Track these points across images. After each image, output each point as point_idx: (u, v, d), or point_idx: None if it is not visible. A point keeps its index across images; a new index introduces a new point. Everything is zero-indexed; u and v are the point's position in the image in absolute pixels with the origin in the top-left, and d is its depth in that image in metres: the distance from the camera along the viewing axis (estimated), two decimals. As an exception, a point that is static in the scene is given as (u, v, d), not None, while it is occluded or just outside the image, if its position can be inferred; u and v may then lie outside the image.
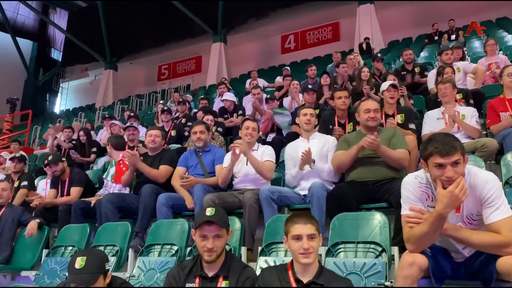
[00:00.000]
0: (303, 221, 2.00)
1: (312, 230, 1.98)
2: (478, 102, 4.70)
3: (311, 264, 1.96)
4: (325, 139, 3.69)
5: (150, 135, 4.13)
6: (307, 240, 1.95)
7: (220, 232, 2.13)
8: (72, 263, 2.01)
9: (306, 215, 2.07)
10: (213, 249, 2.09)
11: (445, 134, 1.97)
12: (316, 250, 1.98)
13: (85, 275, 1.98)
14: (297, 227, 1.99)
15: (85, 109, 18.00)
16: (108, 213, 3.71)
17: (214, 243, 2.09)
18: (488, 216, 1.90)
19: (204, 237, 2.11)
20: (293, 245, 1.97)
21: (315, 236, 1.98)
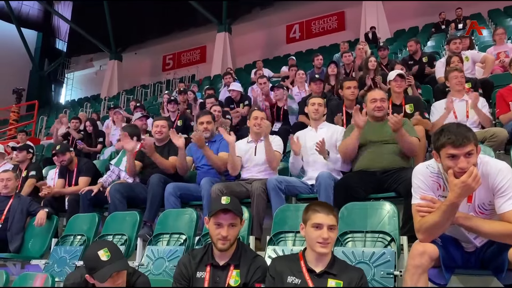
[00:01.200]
0: (326, 211, 1.98)
1: (333, 221, 1.97)
2: (487, 91, 4.65)
3: (327, 254, 1.96)
4: (333, 129, 3.68)
5: (157, 125, 4.13)
6: (327, 230, 1.94)
7: (235, 221, 2.13)
8: (94, 258, 2.00)
9: (328, 205, 2.06)
10: (227, 237, 2.09)
11: (458, 125, 1.95)
12: (333, 241, 1.98)
13: (119, 262, 2.02)
14: (319, 216, 1.97)
15: (90, 99, 18.02)
16: (116, 202, 3.73)
17: (228, 232, 2.09)
18: (501, 206, 1.89)
19: (219, 225, 2.11)
20: (312, 233, 1.96)
21: (334, 228, 1.97)
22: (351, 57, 6.51)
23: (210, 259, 2.14)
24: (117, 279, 2.00)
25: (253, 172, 3.63)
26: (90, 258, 2.03)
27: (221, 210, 2.09)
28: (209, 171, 3.79)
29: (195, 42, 19.14)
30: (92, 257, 2.02)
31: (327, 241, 1.93)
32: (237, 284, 2.06)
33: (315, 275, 1.94)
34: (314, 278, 1.93)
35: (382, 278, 2.36)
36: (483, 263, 2.05)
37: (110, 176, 4.26)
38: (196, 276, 2.12)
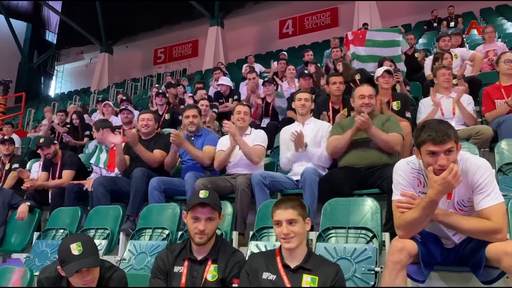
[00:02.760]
0: (284, 206, 1.97)
1: (292, 215, 1.95)
2: (474, 89, 4.66)
3: (294, 249, 1.94)
4: (319, 125, 3.66)
5: (143, 119, 4.08)
6: (287, 225, 1.93)
7: (213, 215, 2.11)
8: (66, 251, 1.96)
9: (289, 200, 2.04)
10: (204, 231, 2.07)
11: (439, 121, 1.93)
12: (298, 235, 1.95)
13: (90, 258, 1.96)
14: (277, 213, 1.97)
15: (80, 92, 17.84)
16: (100, 196, 3.69)
17: (206, 226, 2.07)
18: (479, 202, 1.89)
19: (196, 219, 2.09)
20: (275, 230, 1.98)
21: (295, 221, 1.94)
22: (339, 53, 6.50)
23: (188, 254, 2.12)
24: (87, 275, 1.95)
25: (238, 167, 3.60)
26: (62, 250, 1.99)
27: (199, 204, 2.07)
28: (194, 165, 3.75)
29: (187, 36, 18.99)
30: (64, 249, 1.98)
31: (288, 236, 1.92)
32: (215, 279, 2.04)
33: (290, 271, 1.93)
34: (289, 273, 1.92)
35: (363, 274, 2.35)
36: (461, 259, 2.05)
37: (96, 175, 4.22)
38: (173, 270, 2.09)
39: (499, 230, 1.82)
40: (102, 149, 4.30)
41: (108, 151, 4.22)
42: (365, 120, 3.00)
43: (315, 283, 1.88)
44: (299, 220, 1.96)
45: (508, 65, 3.74)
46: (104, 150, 4.27)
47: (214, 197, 2.15)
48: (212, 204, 2.09)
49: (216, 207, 2.12)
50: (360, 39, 5.77)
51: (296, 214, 1.96)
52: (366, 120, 3.00)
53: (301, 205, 2.02)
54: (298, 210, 1.97)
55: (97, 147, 4.39)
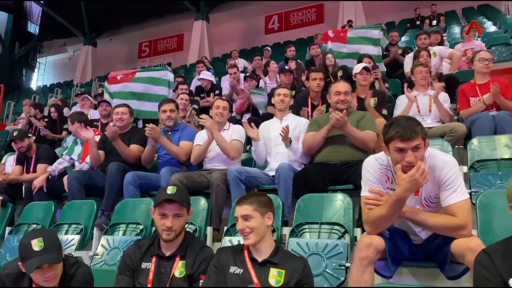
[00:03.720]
0: (240, 203, 1.98)
1: (247, 210, 1.94)
2: (452, 87, 4.71)
3: (254, 244, 1.94)
4: (297, 121, 3.66)
5: (117, 112, 4.01)
6: (242, 221, 1.93)
7: (180, 211, 2.08)
8: (27, 247, 1.92)
9: (248, 196, 2.04)
10: (172, 228, 2.05)
11: (408, 118, 1.95)
12: (255, 230, 1.93)
13: (51, 254, 1.92)
14: (236, 209, 1.98)
15: (62, 85, 17.52)
16: (74, 190, 3.63)
17: (173, 222, 2.05)
18: (445, 199, 1.91)
19: (163, 216, 2.06)
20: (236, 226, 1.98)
21: (250, 217, 1.93)
22: (318, 50, 6.50)
23: (156, 250, 2.10)
24: (48, 272, 1.91)
25: (215, 162, 3.58)
26: (23, 246, 1.94)
27: (166, 201, 2.04)
28: (171, 160, 3.72)
29: (172, 30, 18.79)
30: (24, 245, 1.94)
31: (244, 232, 1.92)
32: (182, 275, 2.02)
33: (257, 264, 1.92)
34: (256, 267, 1.91)
35: (334, 269, 2.37)
36: (429, 255, 2.07)
37: (60, 163, 4.14)
38: (141, 267, 2.07)
39: (464, 226, 1.85)
40: (77, 142, 4.24)
41: (83, 144, 4.16)
42: (339, 118, 3.01)
43: (281, 277, 1.89)
44: (255, 216, 1.94)
45: (482, 63, 3.78)
46: (79, 143, 4.21)
47: (182, 193, 2.12)
48: (180, 200, 2.06)
49: (184, 203, 2.09)
50: (341, 37, 5.78)
51: (252, 209, 1.94)
52: (341, 118, 3.01)
53: (260, 200, 2.00)
54: (254, 206, 1.95)
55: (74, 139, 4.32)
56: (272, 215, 2.00)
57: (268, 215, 1.98)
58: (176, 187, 2.11)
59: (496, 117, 3.45)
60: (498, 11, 10.88)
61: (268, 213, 1.99)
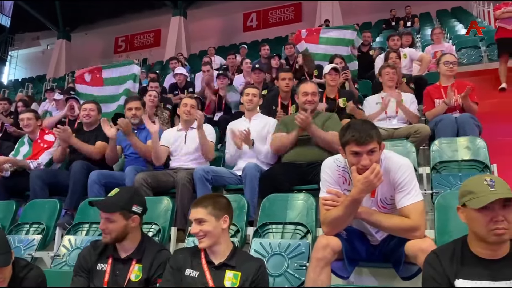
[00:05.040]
0: (195, 205, 1.95)
1: (200, 214, 1.91)
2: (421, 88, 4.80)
3: (208, 247, 1.92)
4: (266, 121, 3.66)
5: (85, 109, 3.94)
6: (195, 225, 1.90)
7: (111, 216, 2.03)
8: None
9: (203, 199, 2.01)
10: (105, 231, 2.03)
11: (363, 122, 1.98)
12: (209, 233, 1.90)
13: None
14: (191, 212, 1.95)
15: (35, 80, 17.06)
16: (37, 189, 3.55)
17: (105, 225, 2.03)
18: (400, 201, 1.94)
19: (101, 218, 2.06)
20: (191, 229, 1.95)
21: (203, 220, 1.90)
22: (293, 49, 6.52)
23: (112, 251, 2.06)
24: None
25: (182, 161, 3.54)
26: None
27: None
28: (137, 159, 3.67)
29: (149, 25, 18.53)
30: None
31: (198, 235, 1.90)
32: (138, 279, 1.99)
33: (213, 267, 1.91)
34: (212, 270, 1.90)
35: (295, 269, 2.39)
36: (385, 256, 2.10)
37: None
38: (96, 268, 2.03)
39: (416, 228, 1.88)
40: (24, 142, 4.13)
41: (32, 144, 4.06)
42: (304, 118, 3.02)
43: (237, 279, 1.88)
44: (209, 219, 1.91)
45: (447, 66, 3.86)
46: (27, 143, 4.10)
47: (118, 198, 2.06)
48: (102, 207, 2.03)
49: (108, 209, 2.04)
50: (314, 36, 5.81)
51: (206, 213, 1.91)
52: (305, 118, 3.03)
53: (217, 202, 1.97)
54: (208, 209, 1.92)
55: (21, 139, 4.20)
56: (228, 218, 1.97)
57: (224, 218, 1.95)
58: (120, 190, 2.08)
59: (459, 119, 3.53)
60: (470, 14, 11.15)
61: (224, 216, 1.96)
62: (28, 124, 4.02)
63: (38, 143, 4.04)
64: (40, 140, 4.07)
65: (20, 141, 4.21)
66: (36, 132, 4.09)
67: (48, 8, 18.07)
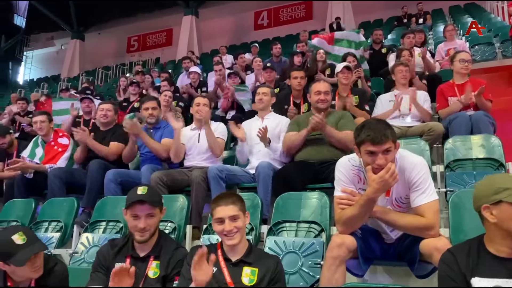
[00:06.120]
0: (224, 203, 1.96)
1: (234, 210, 1.94)
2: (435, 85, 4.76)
3: (236, 244, 1.95)
4: (279, 120, 3.69)
5: (102, 109, 4.01)
6: (229, 222, 1.92)
7: (153, 211, 2.07)
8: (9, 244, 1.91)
9: (229, 195, 2.03)
10: (145, 229, 2.04)
11: (378, 121, 1.97)
12: (241, 230, 1.95)
13: (36, 243, 1.96)
14: (219, 210, 1.95)
15: (49, 79, 17.32)
16: (55, 188, 3.62)
17: (146, 222, 2.04)
18: (414, 200, 1.94)
19: (136, 217, 2.05)
20: (217, 227, 1.95)
21: (237, 217, 1.94)
22: (305, 47, 6.51)
23: (130, 251, 2.09)
24: (35, 262, 1.94)
25: (196, 160, 3.59)
26: (3, 244, 1.93)
27: (137, 202, 2.03)
28: (152, 158, 3.72)
29: (161, 25, 18.66)
30: (5, 243, 1.92)
31: (232, 232, 1.92)
32: (156, 276, 2.02)
33: (231, 264, 1.94)
34: (229, 267, 1.93)
35: (309, 267, 2.40)
36: (399, 254, 2.11)
37: None
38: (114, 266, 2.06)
39: (431, 227, 1.89)
40: (38, 144, 4.16)
41: (45, 147, 4.09)
42: (318, 121, 3.04)
43: (254, 275, 1.91)
44: (240, 216, 1.96)
45: (462, 64, 3.83)
46: (40, 145, 4.13)
47: (153, 194, 2.10)
48: (150, 201, 2.05)
49: (155, 203, 2.08)
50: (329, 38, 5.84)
51: (237, 209, 1.96)
52: (320, 121, 3.04)
53: (241, 199, 2.02)
54: (238, 205, 1.97)
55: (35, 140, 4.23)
56: (249, 214, 2.04)
57: (247, 214, 2.02)
58: (147, 187, 2.11)
59: (473, 117, 3.51)
60: (483, 10, 10.99)
61: (247, 212, 2.03)
62: (41, 127, 4.05)
63: (52, 146, 4.07)
64: (54, 142, 4.10)
65: (34, 142, 4.22)
66: (50, 134, 4.13)
67: (62, 8, 18.30)
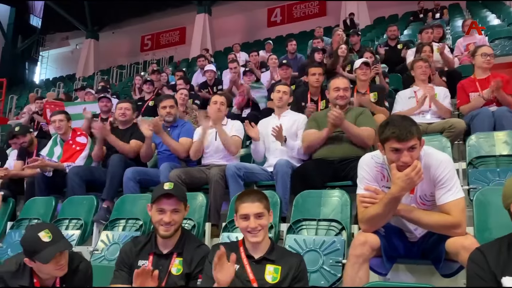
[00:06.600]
0: (251, 200, 1.95)
1: (259, 208, 1.93)
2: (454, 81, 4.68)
3: (260, 242, 1.94)
4: (296, 117, 3.65)
5: (120, 108, 4.04)
6: (254, 219, 1.92)
7: (179, 207, 2.08)
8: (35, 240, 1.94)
9: (255, 193, 2.03)
10: (170, 223, 2.05)
11: (403, 117, 1.94)
12: (265, 228, 1.95)
13: (62, 241, 1.98)
14: (244, 206, 1.95)
15: (65, 79, 17.55)
16: (75, 186, 3.66)
17: (171, 217, 2.05)
18: (440, 197, 1.91)
19: (161, 211, 2.06)
20: (241, 224, 1.95)
21: (262, 214, 1.94)
22: (321, 43, 6.46)
23: (154, 248, 2.10)
24: (60, 260, 1.96)
25: (213, 158, 3.59)
26: (30, 240, 1.96)
27: (164, 196, 2.04)
28: (170, 156, 3.73)
29: (174, 23, 18.77)
30: (32, 239, 1.96)
31: (256, 229, 1.91)
32: (179, 272, 2.03)
33: (253, 261, 1.94)
34: (252, 264, 1.93)
35: (330, 266, 2.38)
36: (424, 253, 2.08)
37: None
38: (137, 264, 2.08)
39: (458, 225, 1.85)
40: (56, 142, 4.18)
41: (63, 145, 4.12)
42: (337, 115, 3.00)
43: (278, 273, 1.90)
44: (265, 214, 1.96)
45: (484, 58, 3.74)
46: (59, 144, 4.16)
47: (179, 189, 2.13)
48: (178, 195, 2.07)
49: (182, 198, 2.10)
50: None
51: (263, 207, 1.95)
52: (338, 115, 3.00)
53: (266, 197, 2.02)
54: (264, 203, 1.97)
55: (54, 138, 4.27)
56: (272, 213, 2.03)
57: (270, 212, 2.02)
58: (173, 183, 2.12)
59: (496, 113, 3.43)
60: (502, 4, 10.75)
61: (271, 211, 2.02)
62: (60, 126, 4.09)
63: (70, 145, 4.10)
64: (72, 141, 4.12)
65: (53, 141, 4.26)
66: (68, 133, 4.15)
67: (77, 8, 18.53)
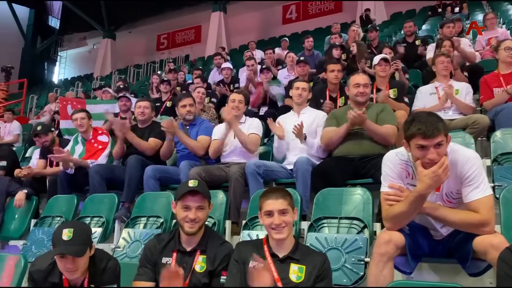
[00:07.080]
0: (275, 196, 1.95)
1: (283, 205, 1.93)
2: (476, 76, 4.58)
3: (284, 239, 1.93)
4: (315, 114, 3.63)
5: (139, 106, 4.08)
6: (278, 216, 1.91)
7: (203, 204, 2.09)
8: (58, 234, 1.98)
9: (279, 190, 2.02)
10: (195, 220, 2.05)
11: (429, 114, 1.89)
12: (289, 225, 1.94)
13: (75, 246, 1.95)
14: (268, 203, 1.94)
15: (83, 78, 17.81)
16: (96, 184, 3.70)
17: (196, 214, 2.06)
18: (468, 195, 1.87)
19: (186, 208, 2.07)
20: (265, 220, 1.94)
21: (286, 211, 1.93)
22: (338, 39, 6.40)
23: (177, 245, 2.11)
24: (68, 263, 1.94)
25: (232, 156, 3.59)
26: (56, 233, 2.01)
27: (189, 193, 2.06)
28: (190, 154, 3.75)
29: (190, 22, 18.85)
30: (57, 232, 2.00)
31: (280, 226, 1.91)
32: (203, 270, 2.03)
33: (278, 260, 1.93)
34: (277, 263, 1.92)
35: (353, 264, 2.36)
36: (449, 251, 2.04)
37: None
38: (161, 261, 2.09)
39: (486, 223, 1.81)
40: (78, 141, 4.23)
41: (85, 144, 4.16)
42: (356, 116, 2.98)
43: (302, 272, 1.89)
44: (289, 210, 1.95)
45: (508, 52, 3.65)
46: (80, 142, 4.21)
47: (203, 186, 2.14)
48: (202, 192, 2.08)
49: (206, 195, 2.11)
50: None
51: (287, 204, 1.95)
52: (357, 116, 2.97)
53: (290, 194, 2.01)
54: (288, 200, 1.96)
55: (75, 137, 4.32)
56: (297, 210, 2.03)
57: (295, 210, 2.01)
58: (198, 181, 2.13)
59: (521, 109, 3.34)
60: (524, -3, 10.47)
61: (295, 208, 2.02)
62: (82, 124, 4.15)
63: (92, 143, 4.15)
64: (93, 140, 4.18)
65: (74, 139, 4.31)
66: (89, 132, 4.21)
67: (94, 8, 18.77)
